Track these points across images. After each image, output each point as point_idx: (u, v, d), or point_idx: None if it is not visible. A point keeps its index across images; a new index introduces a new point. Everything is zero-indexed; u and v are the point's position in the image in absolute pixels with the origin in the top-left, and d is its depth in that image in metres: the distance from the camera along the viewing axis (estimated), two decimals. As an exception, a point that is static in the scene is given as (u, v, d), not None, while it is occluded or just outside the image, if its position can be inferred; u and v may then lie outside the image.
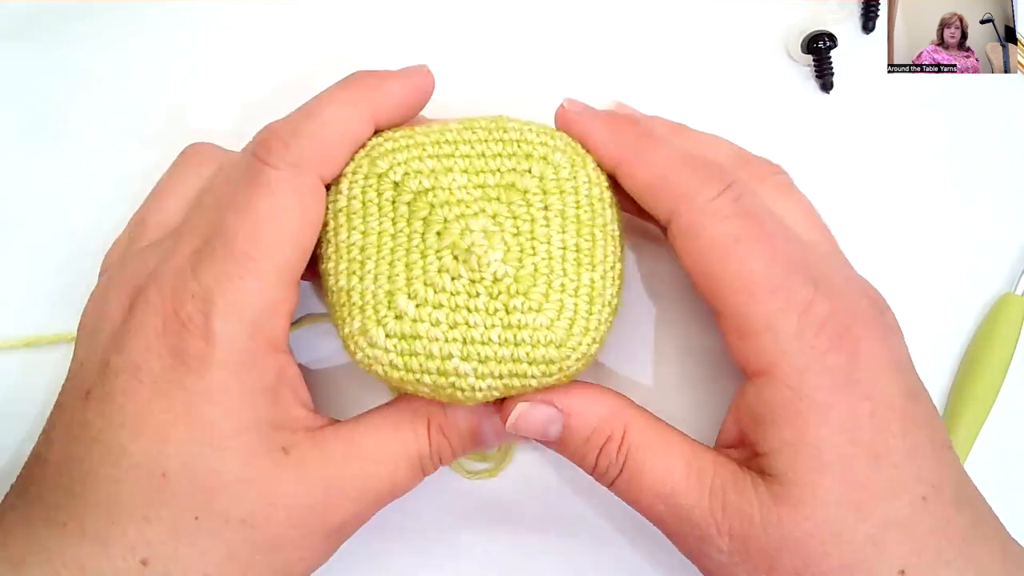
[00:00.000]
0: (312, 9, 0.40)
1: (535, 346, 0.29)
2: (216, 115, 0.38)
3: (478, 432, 0.31)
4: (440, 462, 0.31)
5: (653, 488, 0.29)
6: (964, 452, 0.36)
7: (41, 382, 0.36)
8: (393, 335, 0.29)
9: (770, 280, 0.28)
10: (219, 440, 0.27)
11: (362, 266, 0.30)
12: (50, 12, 0.39)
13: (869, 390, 0.28)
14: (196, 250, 0.29)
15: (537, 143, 0.31)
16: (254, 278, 0.28)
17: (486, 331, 0.29)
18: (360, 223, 0.30)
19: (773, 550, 0.27)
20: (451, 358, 0.29)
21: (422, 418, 0.31)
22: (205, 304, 0.28)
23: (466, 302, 0.29)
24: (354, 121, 0.30)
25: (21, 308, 0.37)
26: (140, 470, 0.27)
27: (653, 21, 0.40)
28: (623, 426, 0.30)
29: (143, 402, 0.27)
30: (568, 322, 0.29)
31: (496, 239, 0.29)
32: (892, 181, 0.39)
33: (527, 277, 0.29)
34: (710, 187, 0.29)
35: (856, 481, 0.27)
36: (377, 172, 0.30)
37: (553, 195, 0.30)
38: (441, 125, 0.31)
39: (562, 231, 0.30)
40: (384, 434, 0.30)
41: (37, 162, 0.38)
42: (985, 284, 0.38)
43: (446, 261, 0.29)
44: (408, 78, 0.32)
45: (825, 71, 0.39)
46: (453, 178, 0.30)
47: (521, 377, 0.29)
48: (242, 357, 0.28)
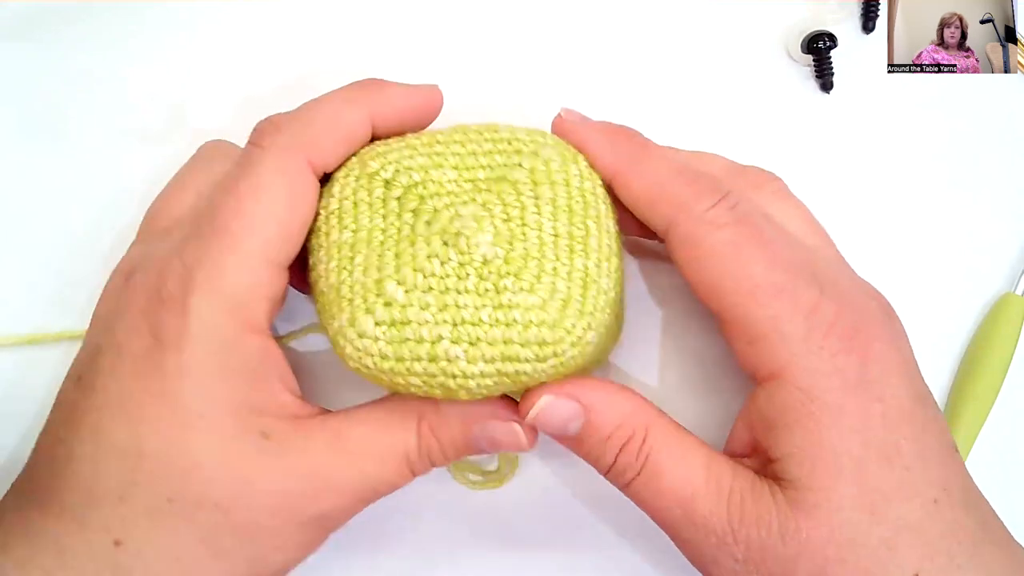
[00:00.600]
0: (313, 9, 0.40)
1: (527, 326, 0.28)
2: (216, 115, 0.38)
3: (471, 437, 0.30)
4: (431, 463, 0.30)
5: (671, 492, 0.29)
6: (964, 452, 0.36)
7: (41, 380, 0.36)
8: (383, 322, 0.28)
9: (773, 283, 0.28)
10: (194, 420, 0.27)
11: (351, 261, 0.29)
12: (50, 12, 0.39)
13: (880, 392, 0.28)
14: (187, 235, 0.29)
15: (527, 140, 0.31)
16: (233, 254, 0.28)
17: (476, 311, 0.28)
18: (351, 222, 0.30)
19: (790, 558, 0.27)
20: (441, 340, 0.28)
21: (413, 415, 0.30)
22: (186, 282, 0.28)
23: (455, 284, 0.28)
24: (349, 114, 0.30)
25: (21, 307, 0.37)
26: (117, 450, 0.27)
27: (653, 21, 0.40)
28: (645, 426, 0.29)
29: (123, 382, 0.27)
30: (561, 303, 0.28)
31: (486, 223, 0.29)
32: (892, 181, 0.39)
33: (517, 259, 0.29)
34: (707, 196, 0.29)
35: (869, 484, 0.27)
36: (368, 172, 0.30)
37: (543, 186, 0.30)
38: (432, 132, 0.31)
39: (553, 219, 0.30)
40: (372, 428, 0.29)
41: (37, 162, 0.38)
42: (985, 284, 0.38)
43: (435, 246, 0.29)
44: (414, 89, 0.32)
45: (825, 71, 0.39)
46: (444, 173, 0.30)
47: (514, 361, 0.28)
48: (220, 335, 0.28)
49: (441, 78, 0.33)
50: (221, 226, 0.28)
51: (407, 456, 0.30)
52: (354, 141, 0.31)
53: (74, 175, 0.38)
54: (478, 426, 0.30)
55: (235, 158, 0.31)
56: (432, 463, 0.30)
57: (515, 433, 0.30)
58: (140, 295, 0.28)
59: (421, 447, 0.30)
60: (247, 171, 0.29)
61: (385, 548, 0.35)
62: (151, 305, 0.28)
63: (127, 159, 0.38)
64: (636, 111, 0.39)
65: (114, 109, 0.39)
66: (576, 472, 0.35)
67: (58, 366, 0.35)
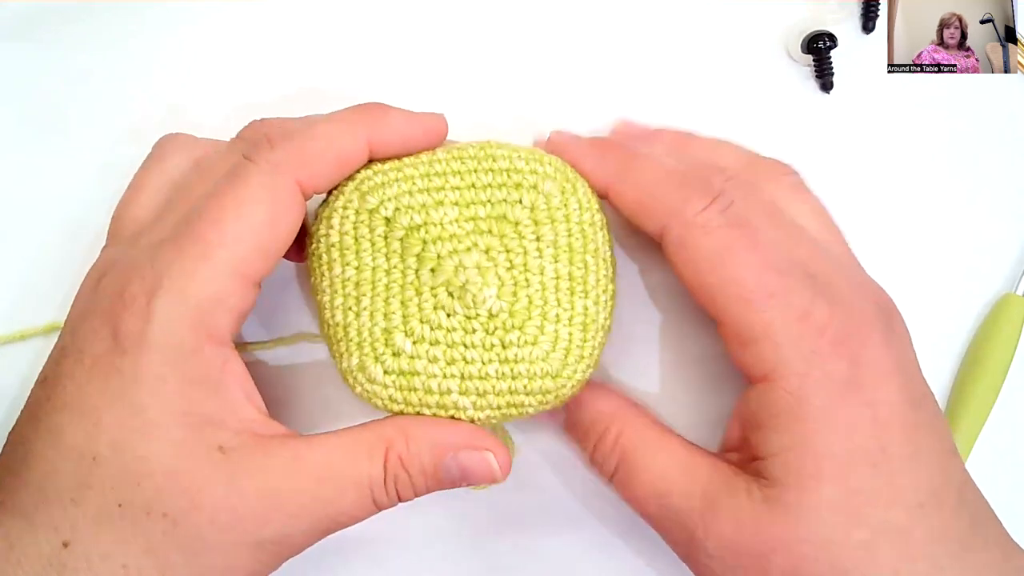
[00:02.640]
0: (312, 10, 0.40)
1: (532, 379, 0.30)
2: (216, 115, 0.38)
3: (441, 467, 0.30)
4: (398, 496, 0.29)
5: (647, 487, 0.30)
6: (964, 452, 0.36)
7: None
8: (391, 371, 0.29)
9: (764, 287, 0.28)
10: (149, 427, 0.27)
11: (357, 302, 0.30)
12: (50, 12, 0.39)
13: (871, 397, 0.28)
14: (161, 240, 0.29)
15: (527, 171, 0.31)
16: (205, 263, 0.28)
17: (483, 366, 0.29)
18: (354, 258, 0.30)
19: (763, 554, 0.27)
20: (450, 393, 0.29)
21: (380, 445, 0.29)
22: (152, 285, 0.27)
23: (462, 338, 0.29)
24: (346, 139, 0.30)
25: (21, 307, 0.37)
26: (72, 452, 0.27)
27: (653, 21, 0.40)
28: (620, 424, 0.31)
29: (82, 384, 0.27)
30: (563, 352, 0.30)
31: (490, 275, 0.30)
32: (892, 181, 0.39)
33: (522, 311, 0.30)
34: (697, 200, 0.29)
35: (852, 487, 0.27)
36: (368, 208, 0.30)
37: (545, 225, 0.31)
38: (429, 155, 0.31)
39: (555, 260, 0.31)
40: (335, 454, 0.28)
41: (37, 162, 0.38)
42: (985, 284, 0.38)
43: (441, 298, 0.30)
44: (416, 117, 0.32)
45: (825, 71, 0.39)
46: (444, 212, 0.30)
47: (519, 407, 0.30)
48: (180, 343, 0.27)
49: (440, 74, 0.33)
50: (197, 234, 0.28)
51: (370, 487, 0.29)
52: (348, 166, 0.31)
53: (74, 175, 0.38)
54: (450, 456, 0.30)
55: (212, 159, 0.31)
56: (400, 496, 0.29)
57: (488, 462, 0.30)
58: (106, 297, 0.28)
59: (387, 478, 0.29)
60: (234, 183, 0.29)
61: (385, 547, 0.35)
62: (114, 307, 0.28)
63: (127, 159, 0.38)
64: (637, 111, 0.39)
65: (114, 109, 0.39)
66: (576, 471, 0.35)
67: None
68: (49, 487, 0.27)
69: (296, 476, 0.28)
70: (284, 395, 0.36)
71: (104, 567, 0.26)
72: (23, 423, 0.29)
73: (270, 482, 0.28)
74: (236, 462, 0.27)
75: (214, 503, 0.27)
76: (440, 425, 0.30)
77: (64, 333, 0.30)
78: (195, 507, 0.27)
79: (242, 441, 0.28)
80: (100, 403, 0.27)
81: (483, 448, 0.30)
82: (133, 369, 0.27)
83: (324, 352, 0.35)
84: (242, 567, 0.28)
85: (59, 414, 0.27)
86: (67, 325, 0.30)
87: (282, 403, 0.36)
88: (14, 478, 0.27)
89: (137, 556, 0.26)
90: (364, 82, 0.39)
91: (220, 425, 0.28)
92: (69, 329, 0.29)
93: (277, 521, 0.28)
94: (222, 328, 0.28)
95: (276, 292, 0.36)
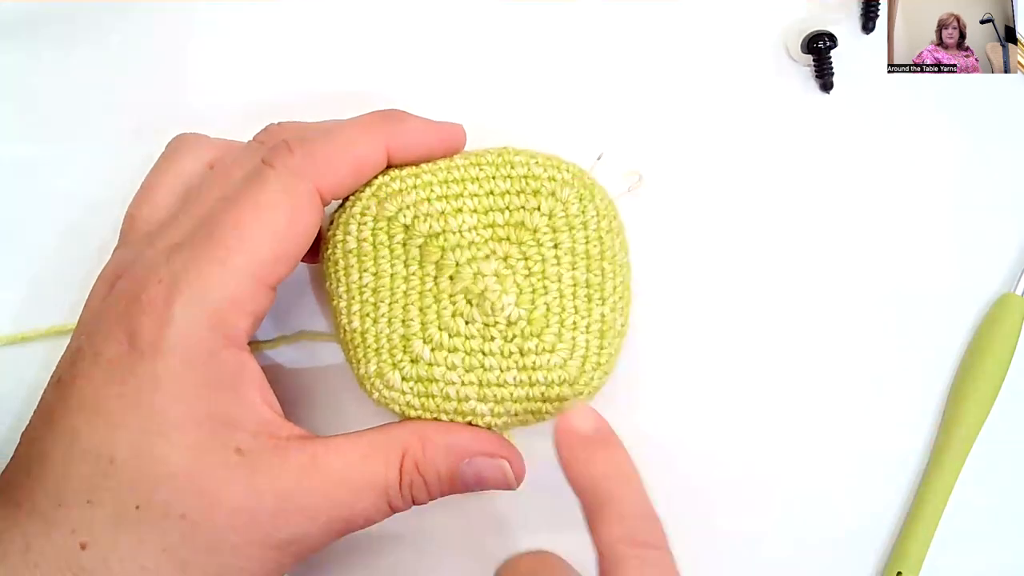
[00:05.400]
0: (315, 10, 0.40)
1: (549, 386, 0.30)
2: (216, 115, 0.38)
3: (457, 473, 0.30)
4: (412, 500, 0.30)
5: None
6: (964, 452, 0.36)
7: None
8: (409, 378, 0.30)
9: None
10: (166, 429, 0.27)
11: (375, 308, 0.30)
12: (50, 12, 0.39)
13: None
14: (178, 242, 0.29)
15: (545, 178, 0.31)
16: (223, 267, 0.28)
17: (502, 374, 0.30)
18: (371, 264, 0.30)
19: None
20: (468, 400, 0.30)
21: (397, 450, 0.29)
22: (169, 289, 0.28)
23: (480, 346, 0.30)
24: (365, 146, 0.30)
25: (21, 307, 0.37)
26: (89, 454, 0.27)
27: (653, 22, 0.40)
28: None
29: (98, 386, 0.27)
30: (580, 360, 0.30)
31: (508, 282, 0.30)
32: (892, 181, 0.39)
33: (540, 319, 0.30)
34: None
35: None
36: (386, 215, 0.30)
37: (563, 232, 0.31)
38: (447, 162, 0.31)
39: (572, 267, 0.31)
40: (351, 457, 0.29)
41: (37, 162, 0.38)
42: (985, 284, 0.38)
43: (460, 305, 0.30)
44: (435, 126, 0.32)
45: (825, 71, 0.39)
46: (463, 219, 0.30)
47: (536, 413, 0.30)
48: (198, 346, 0.27)
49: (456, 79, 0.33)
50: (216, 238, 0.28)
51: (386, 491, 0.29)
52: (367, 172, 0.31)
53: (74, 175, 0.38)
54: (465, 462, 0.30)
55: (229, 164, 0.31)
56: (415, 500, 0.30)
57: (503, 470, 0.30)
58: (122, 300, 0.28)
59: (403, 483, 0.29)
60: (253, 188, 0.29)
61: (385, 547, 0.35)
62: (131, 310, 0.28)
63: (127, 159, 0.38)
64: (636, 111, 0.39)
65: (114, 109, 0.39)
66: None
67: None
68: (66, 488, 0.27)
69: (313, 478, 0.28)
70: (298, 396, 0.36)
71: (122, 568, 0.26)
72: (37, 424, 0.29)
73: (287, 484, 0.28)
74: (254, 464, 0.28)
75: (232, 504, 0.27)
76: (456, 431, 0.30)
77: (78, 334, 0.30)
78: (213, 508, 0.27)
79: (259, 443, 0.28)
80: (117, 405, 0.27)
81: (499, 456, 0.30)
82: (151, 372, 0.27)
83: (334, 354, 0.35)
84: (259, 568, 0.28)
85: (75, 416, 0.27)
86: (81, 326, 0.30)
87: (297, 404, 0.36)
88: (30, 479, 0.27)
89: (155, 557, 0.27)
90: (377, 85, 0.39)
91: (237, 427, 0.28)
92: (83, 331, 0.29)
93: (294, 522, 0.28)
94: (239, 331, 0.28)
95: (283, 290, 0.36)
